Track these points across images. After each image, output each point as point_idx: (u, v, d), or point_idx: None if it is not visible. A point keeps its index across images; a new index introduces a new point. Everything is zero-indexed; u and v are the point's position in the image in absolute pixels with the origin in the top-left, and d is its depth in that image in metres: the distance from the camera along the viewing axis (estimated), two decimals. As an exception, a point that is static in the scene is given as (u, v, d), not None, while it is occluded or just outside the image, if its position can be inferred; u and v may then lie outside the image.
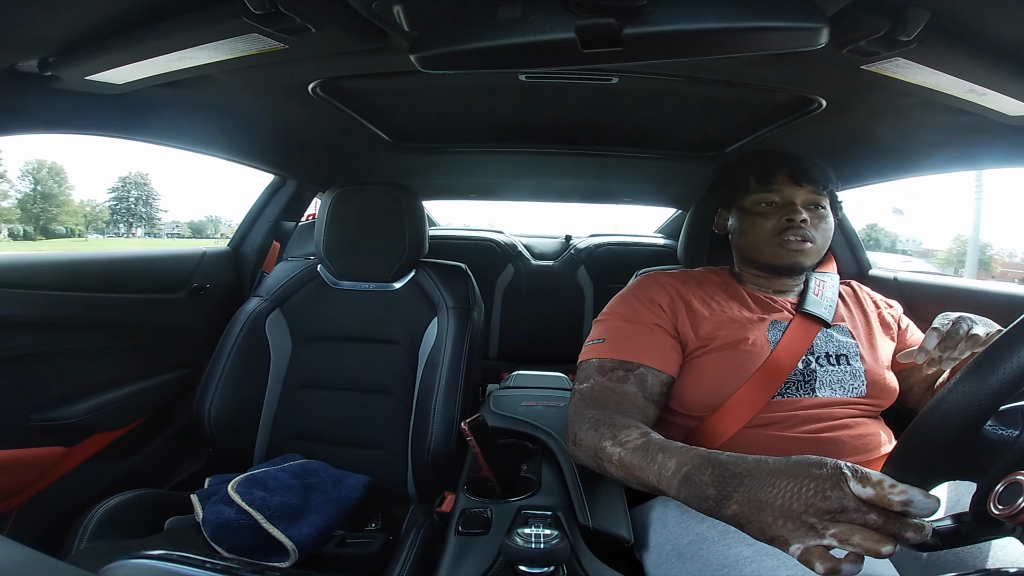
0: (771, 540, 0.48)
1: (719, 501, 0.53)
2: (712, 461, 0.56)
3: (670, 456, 0.61)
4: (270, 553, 0.90)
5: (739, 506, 0.51)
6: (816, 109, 0.99)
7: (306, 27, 0.66)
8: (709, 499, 0.54)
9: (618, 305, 0.94)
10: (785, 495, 0.48)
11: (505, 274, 2.31)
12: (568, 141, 1.43)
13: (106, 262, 1.24)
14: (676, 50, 0.62)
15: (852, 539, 0.44)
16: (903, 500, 0.43)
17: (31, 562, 0.35)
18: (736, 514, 0.51)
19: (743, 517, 0.51)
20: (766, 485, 0.50)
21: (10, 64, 0.75)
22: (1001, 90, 0.74)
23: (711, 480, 0.54)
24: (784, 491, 0.49)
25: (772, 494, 0.49)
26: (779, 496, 0.49)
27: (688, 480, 0.56)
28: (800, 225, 0.89)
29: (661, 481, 0.60)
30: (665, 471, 0.60)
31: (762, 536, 0.49)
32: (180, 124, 1.11)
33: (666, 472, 0.59)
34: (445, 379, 1.15)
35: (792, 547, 0.46)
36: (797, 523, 0.47)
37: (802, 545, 0.46)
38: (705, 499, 0.54)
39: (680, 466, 0.58)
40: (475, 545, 0.74)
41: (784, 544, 0.47)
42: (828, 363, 0.87)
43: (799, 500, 0.47)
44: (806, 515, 0.46)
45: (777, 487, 0.49)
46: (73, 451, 1.11)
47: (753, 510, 0.50)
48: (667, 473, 0.59)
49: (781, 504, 0.48)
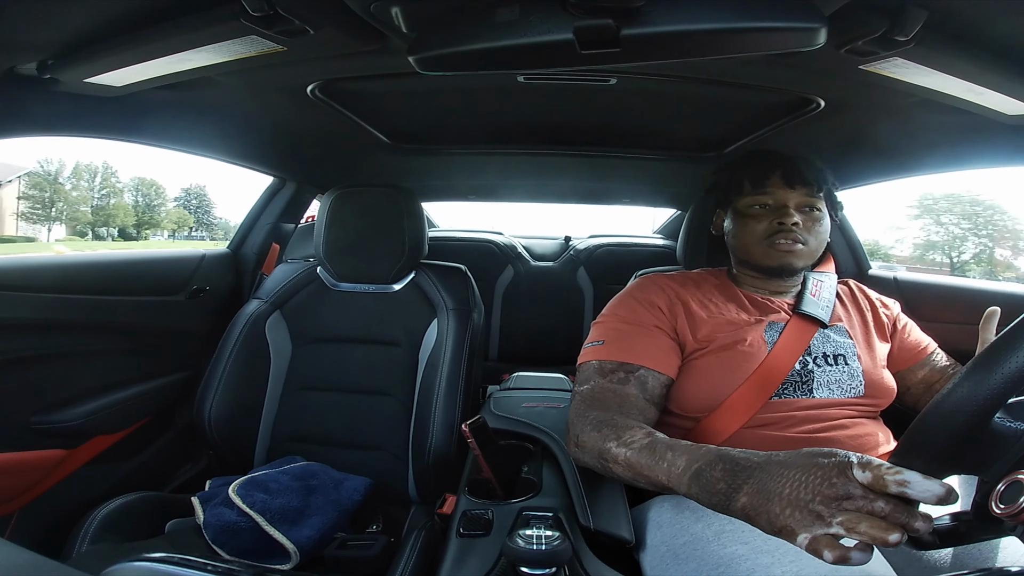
0: (779, 531, 0.49)
1: (729, 494, 0.53)
2: (723, 456, 0.57)
3: (679, 454, 0.61)
4: (271, 555, 0.90)
5: (748, 497, 0.52)
6: (814, 109, 0.99)
7: (305, 29, 0.66)
8: (720, 493, 0.54)
9: (617, 307, 0.94)
10: (793, 484, 0.49)
11: (505, 275, 2.31)
12: (567, 142, 1.44)
13: (106, 265, 1.24)
14: (674, 51, 0.62)
15: (859, 527, 0.44)
16: (898, 480, 0.43)
17: (32, 565, 0.35)
18: (745, 506, 0.52)
19: (752, 508, 0.51)
20: (775, 475, 0.51)
21: (9, 67, 0.75)
22: (999, 89, 0.74)
23: (722, 475, 0.55)
24: (792, 480, 0.49)
25: (780, 483, 0.50)
26: (787, 485, 0.49)
27: (699, 476, 0.57)
28: (791, 228, 0.89)
29: (671, 479, 0.60)
30: (675, 468, 0.60)
31: (770, 527, 0.49)
32: (179, 126, 1.11)
33: (676, 470, 0.60)
34: (445, 380, 1.15)
35: (800, 536, 0.46)
36: (804, 511, 0.47)
37: (809, 534, 0.46)
38: (716, 493, 0.55)
39: (691, 463, 0.59)
40: (476, 547, 0.73)
41: (791, 535, 0.47)
42: (825, 363, 0.87)
43: (806, 488, 0.48)
44: (813, 503, 0.47)
45: (786, 477, 0.50)
46: (74, 454, 1.11)
47: (762, 500, 0.50)
48: (677, 471, 0.60)
49: (789, 493, 0.48)
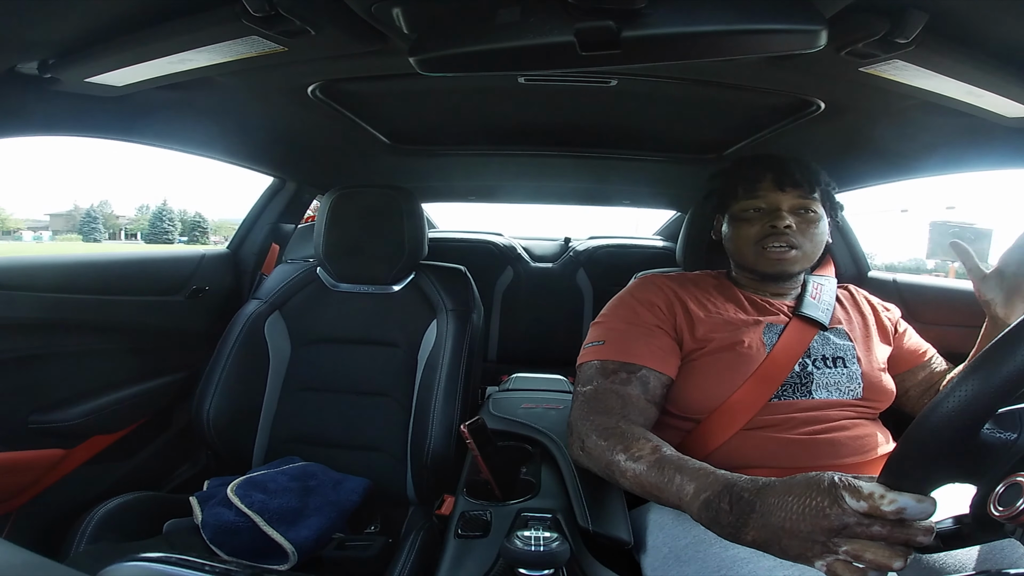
0: (795, 559, 0.49)
1: (738, 527, 0.54)
2: (729, 487, 0.56)
3: (687, 479, 0.61)
4: (269, 556, 0.90)
5: (756, 532, 0.52)
6: (814, 111, 1.00)
7: (305, 29, 0.67)
8: (729, 525, 0.54)
9: (617, 307, 0.94)
10: (792, 517, 0.49)
11: (504, 276, 2.31)
12: (567, 143, 1.44)
13: (105, 264, 1.24)
14: (675, 52, 0.62)
15: (864, 556, 0.45)
16: (895, 510, 0.44)
17: (30, 565, 0.35)
18: (755, 539, 0.52)
19: (762, 542, 0.52)
20: (774, 508, 0.51)
21: (10, 66, 0.75)
22: (999, 92, 0.74)
23: (729, 507, 0.55)
24: (791, 512, 0.49)
25: (781, 517, 0.50)
26: (787, 519, 0.49)
27: (708, 506, 0.57)
28: (784, 231, 0.89)
29: (682, 503, 0.61)
30: (684, 495, 0.60)
31: (786, 557, 0.50)
32: (180, 126, 1.11)
33: (685, 496, 0.60)
34: (444, 382, 1.15)
35: (817, 563, 0.47)
36: (808, 543, 0.47)
37: (824, 562, 0.47)
38: (726, 526, 0.55)
39: (699, 491, 0.59)
40: (475, 548, 0.73)
41: (808, 562, 0.48)
42: (825, 366, 0.87)
43: (804, 520, 0.48)
44: (814, 535, 0.47)
45: (784, 509, 0.50)
46: (72, 453, 1.11)
47: (768, 535, 0.51)
48: (686, 497, 0.60)
49: (790, 527, 0.49)
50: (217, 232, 65.80)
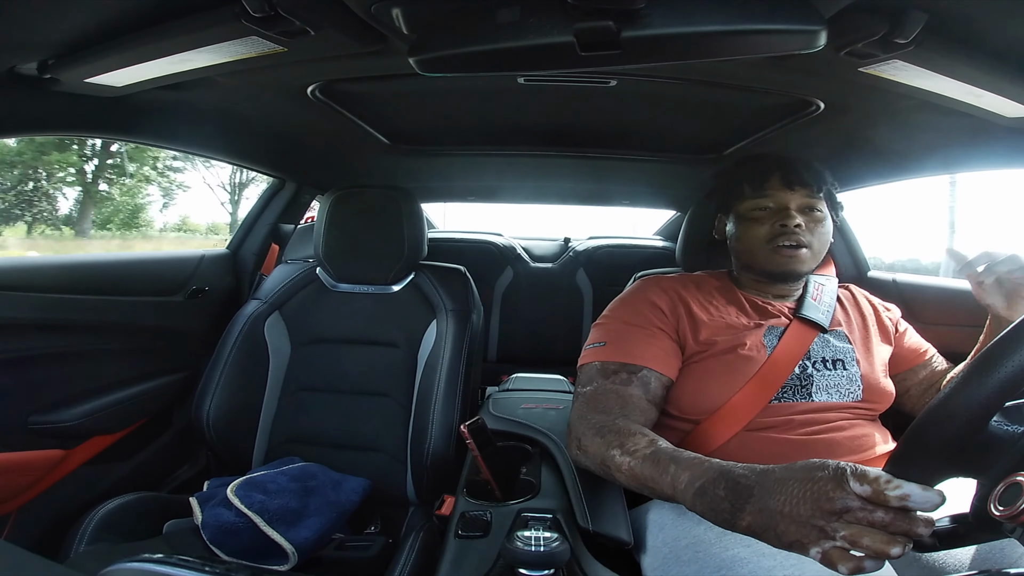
0: (789, 547, 0.48)
1: (733, 514, 0.53)
2: (725, 474, 0.56)
3: (682, 468, 0.60)
4: (269, 556, 0.90)
5: (752, 517, 0.51)
6: (814, 111, 0.99)
7: (305, 30, 0.66)
8: (724, 512, 0.54)
9: (619, 308, 0.94)
10: (792, 500, 0.48)
11: (504, 276, 2.31)
12: (567, 144, 1.44)
13: (105, 265, 1.24)
14: (674, 53, 0.62)
15: (862, 541, 0.44)
16: (899, 495, 0.43)
17: (30, 565, 0.35)
18: (751, 525, 0.52)
19: (758, 527, 0.51)
20: (774, 493, 0.50)
21: (9, 66, 0.75)
22: (999, 92, 0.74)
23: (724, 494, 0.54)
24: (791, 496, 0.49)
25: (780, 501, 0.49)
26: (787, 502, 0.49)
27: (703, 494, 0.57)
28: (794, 230, 0.89)
29: (676, 493, 0.60)
30: (679, 484, 0.60)
31: (780, 544, 0.49)
32: (179, 127, 1.11)
33: (680, 485, 0.60)
34: (444, 382, 1.15)
35: (812, 551, 0.46)
36: (807, 527, 0.47)
37: (819, 548, 0.46)
38: (721, 512, 0.54)
39: (694, 479, 0.58)
40: (475, 548, 0.73)
41: (803, 549, 0.47)
42: (824, 368, 0.87)
43: (805, 504, 0.47)
44: (814, 518, 0.46)
45: (784, 493, 0.49)
46: (71, 454, 1.11)
47: (766, 519, 0.50)
48: (681, 486, 0.59)
49: (789, 511, 0.48)
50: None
